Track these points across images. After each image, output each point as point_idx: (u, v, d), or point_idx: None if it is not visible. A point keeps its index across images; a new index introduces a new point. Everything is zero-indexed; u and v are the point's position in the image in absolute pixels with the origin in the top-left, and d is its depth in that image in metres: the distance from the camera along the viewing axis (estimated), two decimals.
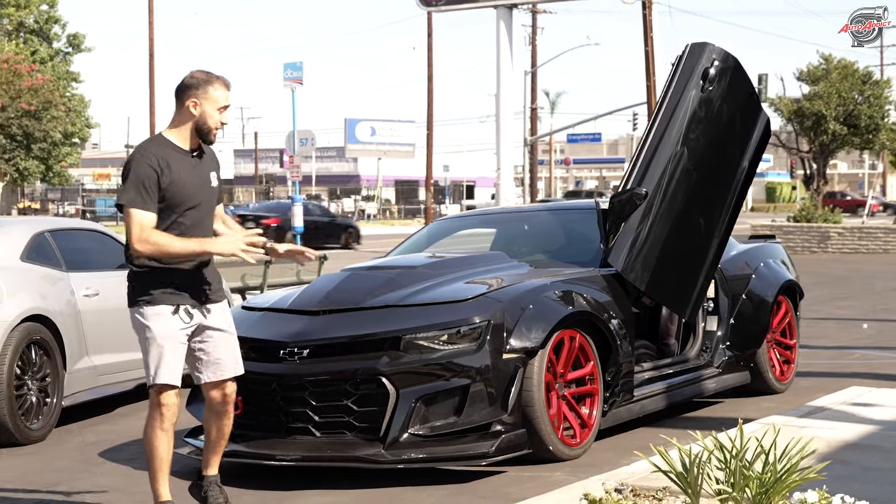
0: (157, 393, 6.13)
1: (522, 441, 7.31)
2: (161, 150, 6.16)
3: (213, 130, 6.24)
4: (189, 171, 6.20)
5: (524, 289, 7.78)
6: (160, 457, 6.16)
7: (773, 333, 10.24)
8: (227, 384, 6.33)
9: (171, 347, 6.11)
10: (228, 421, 6.43)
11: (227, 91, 6.28)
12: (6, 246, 9.52)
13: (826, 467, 6.39)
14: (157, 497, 6.22)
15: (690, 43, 8.98)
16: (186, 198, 6.15)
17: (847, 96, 49.99)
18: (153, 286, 6.15)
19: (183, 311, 6.14)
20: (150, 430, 6.16)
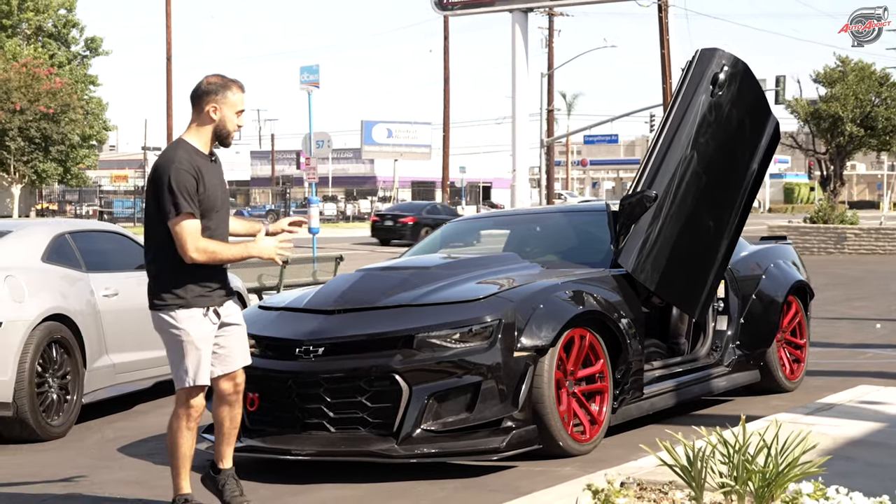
0: (190, 393, 6.29)
1: (533, 437, 7.46)
2: (192, 157, 6.30)
3: (232, 133, 6.41)
4: (213, 175, 6.37)
5: (535, 289, 7.93)
6: (183, 454, 6.33)
7: (783, 333, 10.37)
8: (237, 374, 6.50)
9: (206, 350, 6.29)
10: (239, 410, 6.59)
11: (243, 94, 6.42)
12: (28, 247, 9.69)
13: (830, 463, 6.53)
14: (178, 490, 6.39)
15: (700, 48, 9.12)
16: (214, 202, 6.33)
17: (864, 98, 50.00)
18: (186, 290, 6.29)
19: (212, 313, 6.32)
20: (177, 427, 6.33)
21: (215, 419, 6.67)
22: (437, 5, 26.80)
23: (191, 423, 6.32)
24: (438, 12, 26.97)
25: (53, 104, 52.31)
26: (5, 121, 51.52)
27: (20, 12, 59.53)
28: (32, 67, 52.73)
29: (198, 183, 6.23)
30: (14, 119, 51.64)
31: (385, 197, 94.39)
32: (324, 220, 79.00)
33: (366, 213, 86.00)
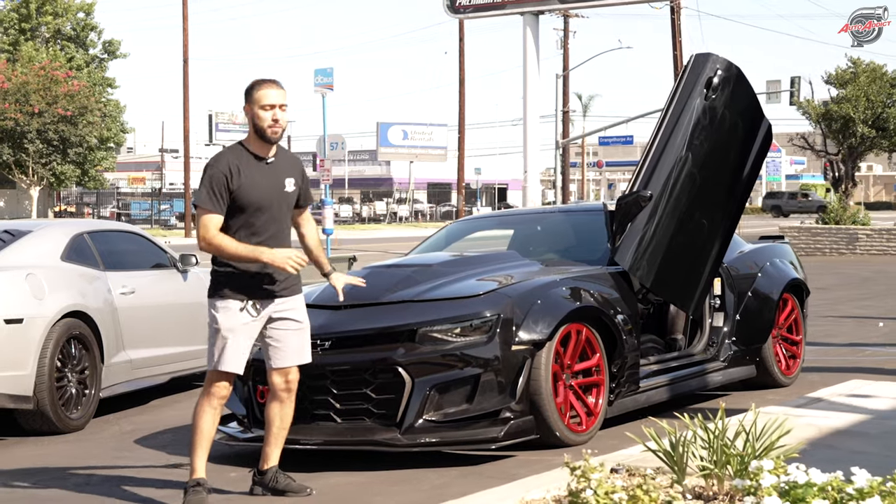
0: (214, 376, 6.72)
1: (530, 427, 7.77)
2: (234, 157, 6.73)
3: (268, 129, 6.70)
4: (259, 175, 6.71)
5: (533, 285, 8.25)
6: (202, 430, 6.72)
7: (779, 329, 10.66)
8: (289, 370, 6.88)
9: (234, 339, 6.66)
10: (290, 410, 6.96)
11: (272, 89, 6.74)
12: (47, 246, 10.00)
13: (814, 451, 6.86)
14: (193, 472, 6.75)
15: (695, 53, 9.44)
16: (254, 201, 6.67)
17: (875, 99, 50.14)
18: (226, 283, 6.71)
19: (250, 307, 6.69)
20: (200, 406, 6.76)
21: (266, 417, 7.03)
22: (450, 8, 27.14)
23: (213, 401, 6.72)
24: (451, 15, 27.31)
25: (71, 107, 52.81)
26: (24, 123, 52.03)
27: (39, 16, 60.05)
28: (51, 70, 53.22)
29: (229, 180, 6.63)
30: (32, 122, 52.15)
31: (401, 199, 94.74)
32: (340, 221, 79.41)
33: (381, 215, 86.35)
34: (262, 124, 6.71)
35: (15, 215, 57.97)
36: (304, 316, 6.94)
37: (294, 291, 6.88)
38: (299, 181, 6.92)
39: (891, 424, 7.97)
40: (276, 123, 6.72)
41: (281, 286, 6.78)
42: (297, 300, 6.90)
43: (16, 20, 60.27)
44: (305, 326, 6.94)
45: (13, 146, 53.01)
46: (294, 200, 6.93)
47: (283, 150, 6.96)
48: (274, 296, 6.77)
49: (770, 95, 53.37)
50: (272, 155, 6.81)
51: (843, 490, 4.27)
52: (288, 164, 6.90)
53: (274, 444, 7.01)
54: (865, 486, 4.22)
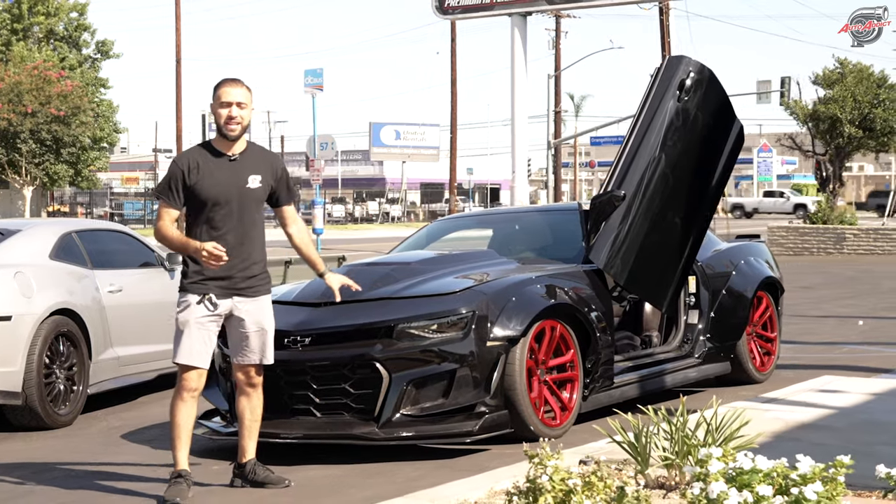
0: (180, 370, 6.95)
1: (504, 421, 7.98)
2: (197, 153, 7.01)
3: (224, 126, 6.93)
4: (219, 172, 6.92)
5: (508, 283, 8.46)
6: (178, 424, 6.94)
7: (753, 327, 10.87)
8: (248, 368, 7.10)
9: (190, 332, 6.88)
10: (258, 403, 7.18)
11: (231, 87, 6.97)
12: (36, 245, 10.18)
13: (777, 443, 7.08)
14: (175, 464, 6.98)
15: (668, 56, 9.66)
16: (212, 196, 6.88)
17: (862, 100, 50.37)
18: (188, 278, 6.95)
19: (207, 301, 6.89)
20: (173, 400, 7.00)
21: (237, 412, 7.25)
22: (438, 9, 27.31)
23: (184, 395, 6.93)
24: (440, 16, 27.48)
25: (64, 107, 52.90)
26: (17, 123, 52.13)
27: (31, 16, 60.15)
28: (44, 70, 53.34)
29: (185, 176, 6.88)
30: (25, 122, 52.25)
31: (393, 199, 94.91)
32: (332, 221, 79.61)
33: (374, 215, 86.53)
34: (220, 121, 6.95)
35: (8, 215, 58.06)
36: (266, 319, 7.09)
37: (257, 293, 7.03)
38: (269, 179, 7.05)
39: (857, 418, 8.19)
40: (231, 120, 6.92)
41: (241, 285, 6.95)
42: (259, 302, 7.05)
43: (8, 20, 60.38)
44: (268, 329, 7.10)
45: (6, 146, 53.12)
46: (261, 197, 7.06)
47: (255, 148, 7.16)
48: (233, 293, 6.95)
49: (760, 96, 53.61)
50: (238, 152, 7.00)
51: (788, 476, 4.48)
52: (257, 161, 7.06)
53: (248, 437, 7.21)
54: (808, 472, 4.43)
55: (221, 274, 6.90)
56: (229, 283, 6.94)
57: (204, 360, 6.96)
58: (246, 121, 7.00)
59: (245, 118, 6.98)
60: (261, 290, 7.07)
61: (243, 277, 6.97)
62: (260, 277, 7.06)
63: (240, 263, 6.96)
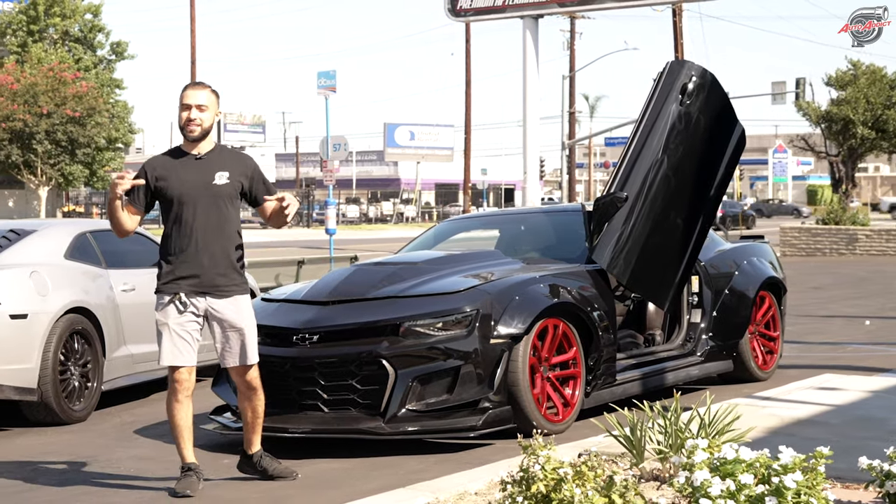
0: (169, 371, 7.14)
1: (507, 416, 8.18)
2: (165, 155, 7.30)
3: (185, 127, 7.17)
4: (184, 170, 7.13)
5: (512, 282, 8.65)
6: (176, 424, 7.14)
7: (756, 326, 11.05)
8: (239, 370, 7.23)
9: (168, 332, 7.08)
10: (258, 400, 7.31)
11: (190, 90, 7.22)
12: (51, 245, 10.39)
13: (772, 438, 7.25)
14: (182, 459, 7.18)
15: (670, 61, 9.85)
16: (177, 194, 7.08)
17: (875, 101, 50.50)
18: (160, 278, 7.17)
19: (178, 301, 7.07)
20: (168, 402, 7.20)
21: (240, 410, 7.42)
22: (451, 11, 27.51)
23: (177, 396, 7.12)
24: (452, 18, 27.66)
25: (79, 108, 53.26)
26: (32, 124, 52.51)
27: (47, 17, 60.43)
28: (59, 72, 53.68)
29: (147, 174, 7.13)
30: (41, 122, 52.63)
31: (407, 199, 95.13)
32: (346, 222, 79.87)
33: (388, 215, 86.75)
34: (181, 122, 7.19)
35: (24, 215, 58.44)
36: (243, 319, 7.17)
37: (232, 292, 7.13)
38: (238, 176, 7.16)
39: (852, 414, 8.36)
40: (191, 122, 7.14)
41: (214, 283, 7.07)
42: (237, 301, 7.15)
43: (24, 22, 60.68)
44: (247, 329, 7.17)
45: (22, 147, 53.50)
46: (230, 193, 7.13)
47: (222, 148, 7.36)
48: (206, 293, 7.08)
49: (775, 97, 53.74)
50: (205, 151, 7.18)
51: (770, 466, 4.66)
52: (223, 159, 7.21)
53: (252, 432, 7.39)
54: (789, 463, 4.61)
55: (191, 272, 7.05)
56: (200, 280, 7.06)
57: (187, 359, 7.09)
58: (206, 123, 7.18)
59: (205, 120, 7.16)
60: (235, 290, 7.15)
61: (214, 275, 7.08)
62: (233, 277, 7.14)
63: (211, 262, 7.08)
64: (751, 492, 4.50)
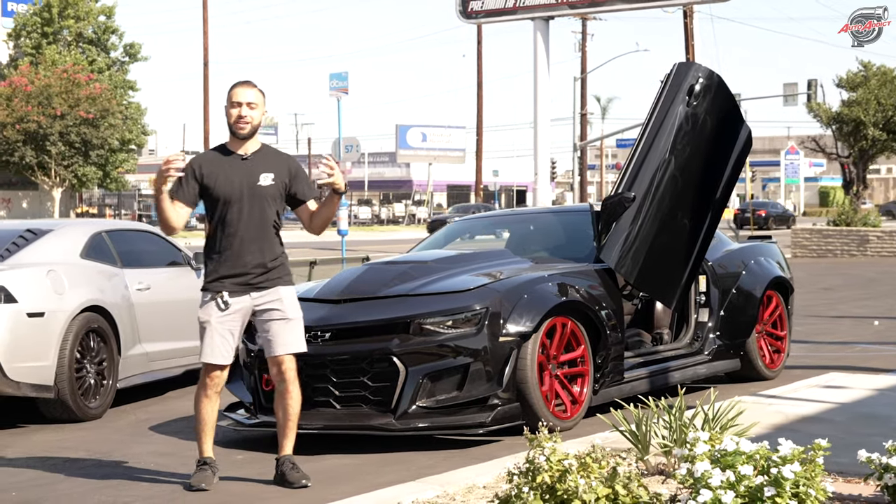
0: (204, 367, 7.25)
1: (516, 413, 8.31)
2: (211, 153, 7.36)
3: (234, 125, 7.23)
4: (231, 170, 7.21)
5: (521, 280, 8.79)
6: (201, 418, 7.28)
7: (763, 325, 11.16)
8: (279, 360, 7.25)
9: (209, 330, 7.18)
10: (293, 402, 7.31)
11: (240, 88, 7.28)
12: (68, 245, 10.53)
13: (777, 434, 7.36)
14: (200, 453, 7.33)
15: (678, 62, 9.98)
16: (223, 193, 7.16)
17: (886, 103, 50.54)
18: (206, 276, 7.27)
19: (220, 300, 7.17)
20: (196, 396, 7.32)
21: (274, 409, 7.48)
22: (462, 14, 27.65)
23: (207, 392, 7.24)
24: (463, 20, 27.79)
25: (93, 109, 53.59)
26: (46, 126, 52.84)
27: (61, 19, 60.73)
28: (73, 73, 53.98)
29: (196, 172, 7.20)
30: (55, 124, 52.96)
31: (419, 201, 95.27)
32: (358, 223, 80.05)
33: (400, 217, 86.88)
34: (230, 120, 7.25)
35: (37, 216, 58.70)
36: (289, 308, 7.25)
37: (275, 283, 7.23)
38: (282, 177, 7.25)
39: (857, 411, 8.48)
40: (241, 119, 7.21)
41: (256, 279, 7.18)
42: (279, 292, 7.23)
43: (38, 24, 60.98)
44: (293, 318, 7.26)
45: (36, 148, 53.82)
46: (274, 194, 7.23)
47: (267, 148, 7.42)
48: (249, 289, 7.18)
49: (787, 98, 53.82)
50: (250, 151, 7.27)
51: (769, 458, 4.78)
52: (270, 160, 7.30)
53: (281, 435, 7.41)
54: (788, 454, 4.74)
55: (235, 271, 7.16)
56: (244, 279, 7.18)
57: (224, 357, 7.20)
58: (256, 121, 7.25)
59: (255, 118, 7.24)
60: (278, 281, 7.25)
61: (257, 273, 7.19)
62: (277, 271, 7.24)
63: (254, 259, 7.18)
64: (750, 483, 4.62)
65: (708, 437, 4.98)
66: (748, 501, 4.61)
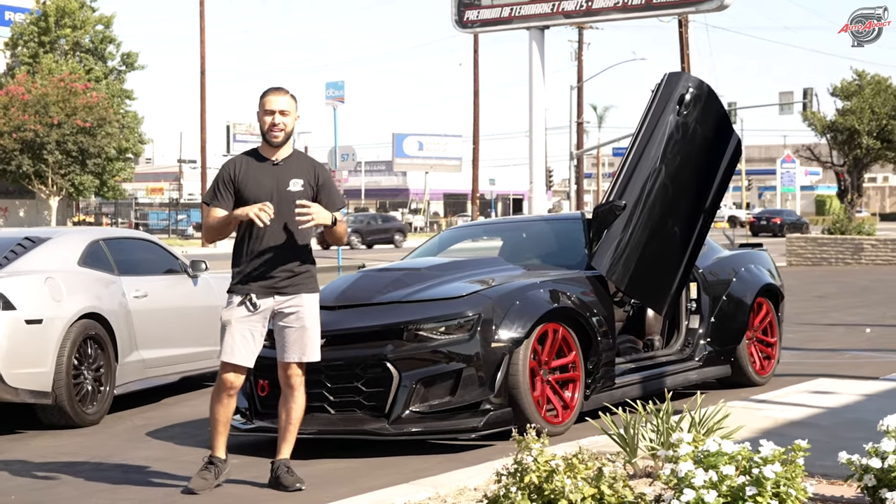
0: (221, 367, 7.33)
1: (508, 418, 8.43)
2: (244, 159, 7.42)
3: (267, 132, 7.29)
4: (263, 175, 7.29)
5: (513, 287, 8.91)
6: (216, 418, 7.37)
7: (753, 332, 11.29)
8: (289, 366, 7.38)
9: (232, 331, 7.26)
10: (294, 404, 7.44)
11: (274, 96, 7.33)
12: (65, 253, 10.65)
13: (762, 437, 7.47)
14: (213, 450, 7.42)
15: (668, 72, 10.11)
16: (254, 198, 7.19)
17: (880, 111, 50.74)
18: (234, 279, 7.35)
19: (248, 302, 7.26)
20: (212, 395, 7.39)
21: (278, 412, 7.58)
22: (458, 23, 27.78)
23: (221, 393, 7.31)
24: (459, 30, 27.92)
25: (90, 118, 53.70)
26: (43, 134, 52.94)
27: (58, 28, 60.84)
28: (70, 82, 54.10)
29: (233, 177, 7.28)
30: (52, 133, 53.07)
31: (416, 209, 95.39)
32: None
33: None
34: (264, 128, 7.32)
35: (34, 225, 58.78)
36: (308, 316, 7.35)
37: (300, 290, 7.32)
38: (312, 182, 7.33)
39: (843, 417, 8.59)
40: (274, 127, 7.28)
41: (282, 283, 7.27)
42: (302, 299, 7.32)
43: (35, 33, 61.12)
44: (310, 327, 7.36)
45: (33, 157, 53.92)
46: (303, 200, 7.23)
47: (299, 154, 7.50)
48: (275, 292, 7.27)
49: (783, 107, 53.99)
50: (282, 157, 7.35)
51: (751, 458, 4.91)
52: (299, 166, 7.38)
53: (281, 439, 7.53)
54: (769, 455, 4.86)
55: (262, 274, 7.25)
56: (271, 282, 7.27)
57: (244, 359, 7.28)
58: (289, 127, 7.33)
59: (288, 125, 7.31)
60: (302, 288, 7.34)
61: (284, 277, 7.27)
62: (302, 276, 7.33)
63: (281, 264, 7.26)
64: (732, 482, 4.74)
65: (692, 439, 5.11)
66: (730, 501, 4.73)
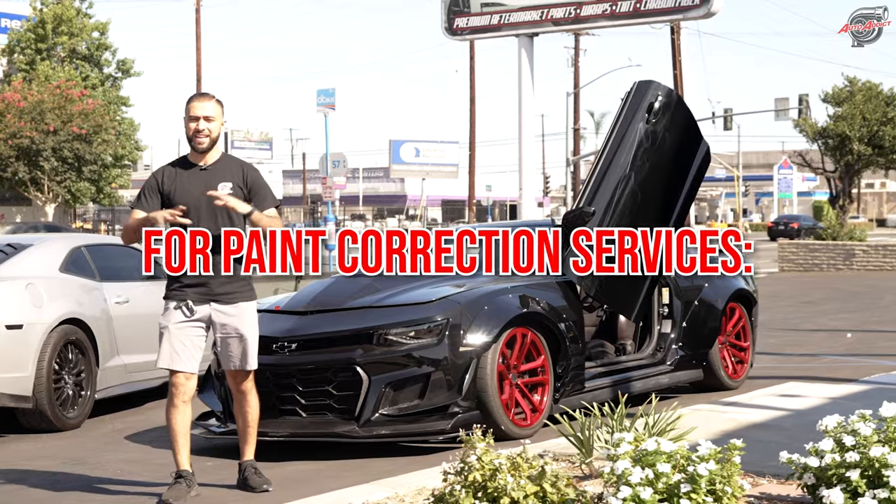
0: (169, 376, 7.40)
1: (476, 421, 8.51)
2: (172, 166, 7.48)
3: (193, 138, 7.36)
4: (189, 180, 7.34)
5: (482, 292, 9.07)
6: (172, 429, 7.35)
7: (726, 336, 11.44)
8: (235, 374, 7.49)
9: (169, 336, 7.33)
10: (249, 408, 7.56)
11: (197, 102, 7.38)
12: (47, 259, 10.81)
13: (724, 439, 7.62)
14: (176, 465, 7.40)
15: (637, 81, 10.27)
16: (182, 203, 7.24)
17: (871, 118, 50.93)
18: (169, 286, 7.41)
19: (185, 307, 7.33)
20: (167, 407, 7.42)
21: (235, 418, 7.71)
22: (448, 31, 27.89)
23: (174, 401, 7.31)
24: (449, 37, 28.03)
25: (86, 125, 53.83)
26: (39, 141, 53.09)
27: (55, 36, 61.01)
28: (66, 89, 54.27)
29: (159, 184, 7.36)
30: (48, 140, 53.22)
31: (413, 215, 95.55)
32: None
33: None
34: (188, 133, 7.39)
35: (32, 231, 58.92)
36: (246, 326, 7.38)
37: (236, 299, 7.35)
38: (241, 184, 7.34)
39: (806, 419, 8.72)
40: (199, 133, 7.33)
41: (218, 290, 7.30)
42: (239, 308, 7.37)
43: (32, 40, 61.29)
44: (248, 336, 7.39)
45: (29, 164, 54.07)
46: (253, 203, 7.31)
47: (228, 157, 7.55)
48: (211, 299, 7.31)
49: (778, 113, 54.19)
50: (210, 162, 7.39)
51: (689, 457, 5.07)
52: (228, 169, 7.40)
53: (242, 441, 7.66)
54: (706, 454, 5.02)
55: (197, 281, 7.29)
56: (206, 289, 7.31)
57: (185, 364, 7.29)
58: (214, 133, 7.36)
59: (213, 130, 7.35)
60: (239, 297, 7.37)
61: (219, 283, 7.31)
62: (238, 285, 7.36)
63: (214, 269, 7.26)
64: (668, 480, 4.91)
65: (632, 438, 5.26)
66: (666, 498, 4.89)
